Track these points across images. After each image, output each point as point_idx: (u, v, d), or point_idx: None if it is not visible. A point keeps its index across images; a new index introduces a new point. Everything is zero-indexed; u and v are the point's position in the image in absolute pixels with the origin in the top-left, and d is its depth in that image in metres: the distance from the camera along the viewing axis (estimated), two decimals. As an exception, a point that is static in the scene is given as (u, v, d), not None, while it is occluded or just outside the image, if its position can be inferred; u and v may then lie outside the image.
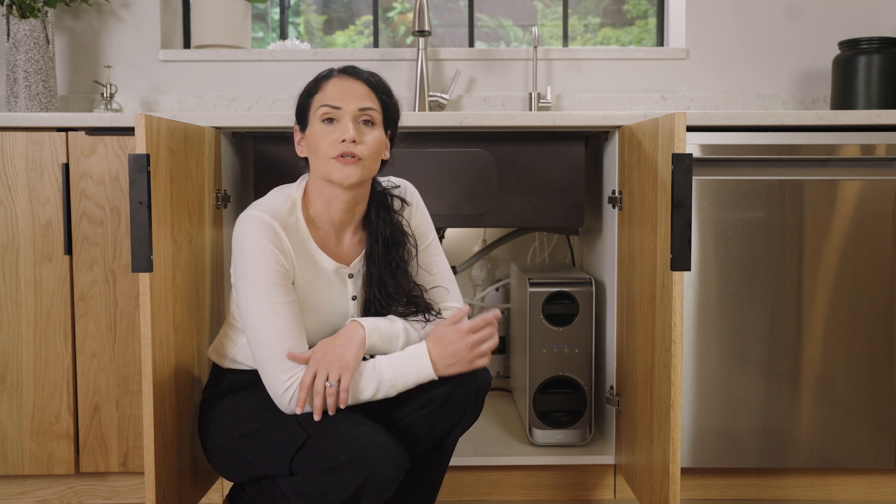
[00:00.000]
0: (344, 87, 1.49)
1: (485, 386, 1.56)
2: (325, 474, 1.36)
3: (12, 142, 1.90)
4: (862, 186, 1.94)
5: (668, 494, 1.57)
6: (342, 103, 1.47)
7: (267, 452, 1.44)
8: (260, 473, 1.48)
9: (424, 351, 1.46)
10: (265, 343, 1.43)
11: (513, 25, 2.92)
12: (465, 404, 1.53)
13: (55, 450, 1.95)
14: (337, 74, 1.52)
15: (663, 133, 1.58)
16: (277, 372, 1.43)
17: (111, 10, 2.59)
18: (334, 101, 1.48)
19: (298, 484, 1.40)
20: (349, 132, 1.45)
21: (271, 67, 2.61)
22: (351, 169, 1.46)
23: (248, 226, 1.46)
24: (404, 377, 1.45)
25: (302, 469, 1.39)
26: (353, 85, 1.50)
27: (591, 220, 2.23)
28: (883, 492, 2.06)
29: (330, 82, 1.50)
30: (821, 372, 1.96)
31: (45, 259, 1.91)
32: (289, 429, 1.43)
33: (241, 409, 1.52)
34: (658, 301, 1.63)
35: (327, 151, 1.46)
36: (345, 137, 1.45)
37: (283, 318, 1.44)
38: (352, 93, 1.49)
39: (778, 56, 2.63)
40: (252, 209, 1.48)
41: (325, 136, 1.47)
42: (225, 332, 1.62)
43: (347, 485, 1.35)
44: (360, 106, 1.48)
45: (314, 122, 1.50)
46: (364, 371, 1.45)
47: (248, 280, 1.45)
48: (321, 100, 1.49)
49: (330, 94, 1.49)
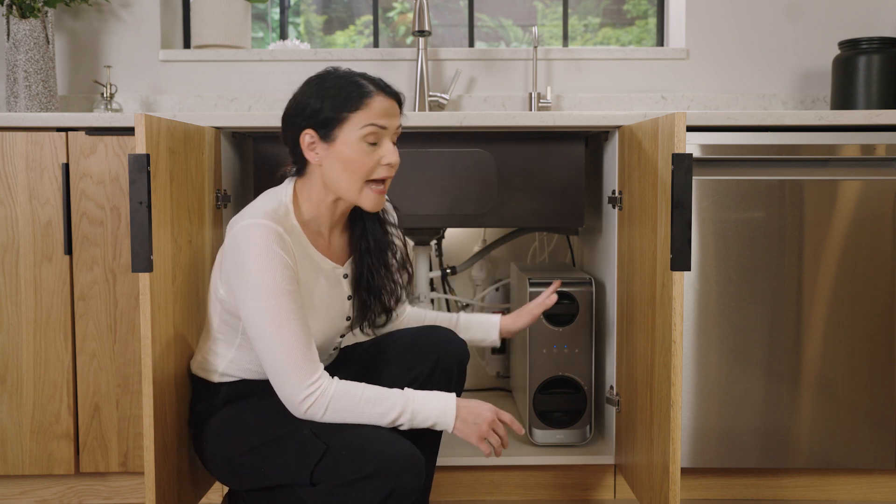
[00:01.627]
0: (387, 106, 1.46)
1: (463, 358, 1.61)
2: (351, 485, 1.35)
3: (12, 142, 1.90)
4: (862, 186, 1.94)
5: (668, 494, 1.56)
6: (388, 123, 1.45)
7: (283, 464, 1.43)
8: (272, 483, 1.47)
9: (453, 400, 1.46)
10: (279, 353, 1.40)
11: (513, 25, 2.92)
12: (448, 378, 1.58)
13: (55, 450, 1.95)
14: (378, 92, 1.45)
15: (663, 133, 1.58)
16: (295, 381, 1.39)
17: (111, 10, 2.59)
18: (382, 120, 1.44)
19: (322, 495, 1.39)
20: (394, 155, 1.46)
21: (271, 67, 2.61)
22: (381, 198, 1.49)
23: (255, 235, 1.40)
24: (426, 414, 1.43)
25: (324, 480, 1.38)
26: (392, 105, 1.47)
27: (591, 220, 2.23)
28: (883, 492, 2.06)
29: (375, 100, 1.44)
30: (821, 372, 1.96)
31: (45, 259, 1.91)
32: (304, 440, 1.41)
33: (244, 420, 1.49)
34: (658, 301, 1.63)
35: (368, 174, 1.46)
36: (391, 161, 1.45)
37: (295, 325, 1.41)
38: (394, 114, 1.47)
39: (778, 56, 2.63)
40: (251, 218, 1.42)
41: (366, 156, 1.44)
42: (208, 346, 1.57)
43: (373, 496, 1.34)
44: (398, 124, 1.49)
45: (351, 140, 1.44)
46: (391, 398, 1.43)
47: (258, 290, 1.39)
48: (367, 118, 1.43)
49: (376, 112, 1.44)
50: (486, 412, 1.45)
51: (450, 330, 1.65)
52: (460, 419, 1.44)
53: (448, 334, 1.62)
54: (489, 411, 1.46)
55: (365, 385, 1.44)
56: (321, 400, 1.40)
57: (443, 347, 1.59)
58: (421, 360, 1.58)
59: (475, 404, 1.46)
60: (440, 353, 1.58)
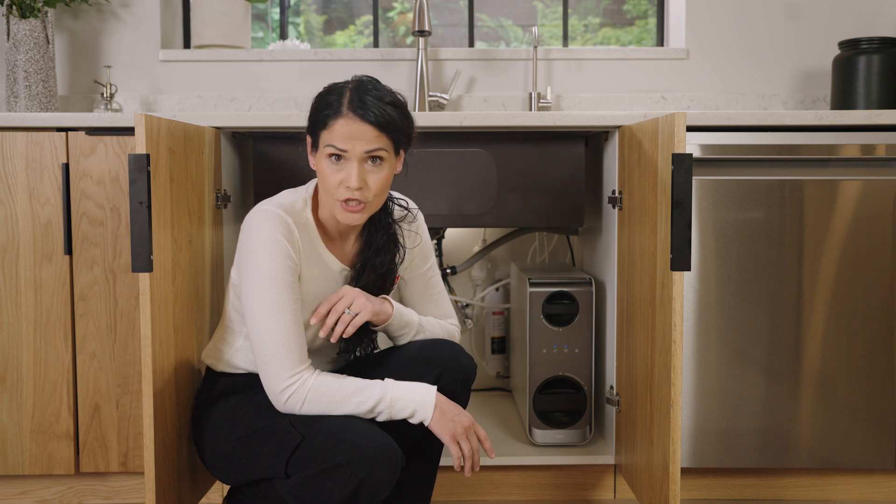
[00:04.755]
0: (351, 130, 1.42)
1: (469, 375, 1.57)
2: (321, 476, 1.36)
3: (12, 142, 1.90)
4: (862, 186, 1.94)
5: (668, 494, 1.56)
6: (349, 146, 1.43)
7: (262, 456, 1.44)
8: (256, 476, 1.48)
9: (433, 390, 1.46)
10: (268, 340, 1.43)
11: (513, 25, 2.92)
12: (452, 393, 1.54)
13: (55, 450, 1.95)
14: (346, 114, 1.43)
15: (663, 133, 1.58)
16: (278, 370, 1.42)
17: (111, 10, 2.59)
18: (341, 143, 1.43)
19: (294, 486, 1.40)
20: (353, 180, 1.43)
21: (271, 67, 2.61)
22: (355, 216, 1.47)
23: (261, 220, 1.45)
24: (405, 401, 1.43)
25: (298, 471, 1.39)
26: (361, 129, 1.42)
27: (591, 220, 2.23)
28: (883, 492, 2.06)
29: (338, 122, 1.43)
30: (821, 372, 1.96)
31: (45, 259, 1.91)
32: (283, 431, 1.42)
33: (236, 412, 1.51)
34: (658, 301, 1.63)
35: (332, 192, 1.46)
36: (349, 184, 1.43)
37: (288, 316, 1.43)
38: (359, 137, 1.43)
39: (778, 56, 2.63)
40: (265, 204, 1.48)
41: (331, 174, 1.45)
42: (220, 335, 1.61)
43: (343, 486, 1.34)
44: (366, 149, 1.44)
45: (321, 156, 1.46)
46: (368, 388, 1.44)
47: (258, 274, 1.43)
48: (328, 138, 1.44)
49: (337, 135, 1.43)
50: (465, 417, 1.46)
51: (457, 345, 1.61)
52: (439, 410, 1.44)
53: (455, 349, 1.58)
54: (468, 418, 1.46)
55: (345, 377, 1.45)
56: (300, 392, 1.42)
57: (448, 362, 1.56)
58: (424, 373, 1.54)
59: (457, 406, 1.47)
60: (444, 368, 1.55)
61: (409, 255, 1.66)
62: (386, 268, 1.59)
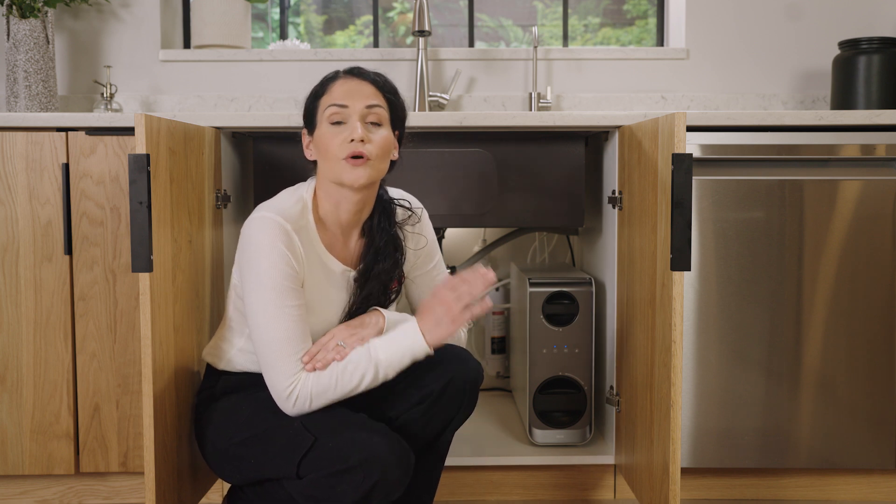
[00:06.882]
0: (350, 86, 1.51)
1: (477, 379, 1.57)
2: (335, 477, 1.36)
3: (12, 142, 1.90)
4: (862, 186, 1.94)
5: (668, 494, 1.57)
6: (349, 101, 1.49)
7: (272, 456, 1.44)
8: (263, 476, 1.48)
9: (414, 324, 1.47)
10: (271, 345, 1.43)
11: (513, 25, 2.92)
12: (460, 398, 1.54)
13: (55, 450, 1.95)
14: (343, 75, 1.54)
15: (663, 133, 1.58)
16: (282, 374, 1.43)
17: (111, 10, 2.59)
18: (341, 99, 1.49)
19: (307, 487, 1.40)
20: (357, 131, 1.47)
21: (271, 67, 2.61)
22: (360, 171, 1.47)
23: (261, 228, 1.45)
24: (398, 356, 1.45)
25: (311, 472, 1.39)
26: (359, 85, 1.51)
27: (591, 220, 2.23)
28: (883, 492, 2.06)
29: (336, 83, 1.52)
30: (821, 372, 1.96)
31: (45, 259, 1.91)
32: (294, 432, 1.42)
33: (239, 412, 1.51)
34: (658, 301, 1.63)
35: (337, 152, 1.47)
36: (353, 137, 1.46)
37: (290, 321, 1.44)
38: (358, 92, 1.50)
39: (778, 56, 2.63)
40: (263, 210, 1.48)
41: (333, 137, 1.48)
42: (222, 333, 1.62)
43: (357, 487, 1.35)
44: (366, 104, 1.49)
45: (322, 124, 1.51)
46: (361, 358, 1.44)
47: (258, 282, 1.44)
48: (328, 100, 1.50)
49: (336, 93, 1.50)
50: (439, 308, 1.46)
51: (464, 349, 1.60)
52: (428, 332, 1.45)
53: (462, 353, 1.58)
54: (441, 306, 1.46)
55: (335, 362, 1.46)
56: (304, 390, 1.43)
57: (456, 366, 1.55)
58: (433, 378, 1.53)
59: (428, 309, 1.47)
60: (454, 373, 1.54)
61: (415, 254, 1.66)
62: (388, 275, 1.59)
